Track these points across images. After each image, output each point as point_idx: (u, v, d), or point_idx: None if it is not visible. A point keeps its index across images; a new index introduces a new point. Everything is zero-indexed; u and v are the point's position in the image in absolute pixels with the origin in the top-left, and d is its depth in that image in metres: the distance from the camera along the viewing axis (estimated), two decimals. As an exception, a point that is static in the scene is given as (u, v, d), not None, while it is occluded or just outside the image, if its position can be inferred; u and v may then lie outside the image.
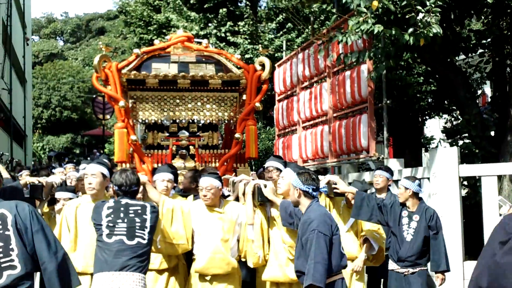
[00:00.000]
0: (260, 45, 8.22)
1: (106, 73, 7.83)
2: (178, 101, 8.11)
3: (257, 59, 8.53)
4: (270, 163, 6.75)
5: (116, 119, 8.20)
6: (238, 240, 6.07)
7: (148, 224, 5.07)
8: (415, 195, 6.57)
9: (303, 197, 5.07)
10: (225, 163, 8.06)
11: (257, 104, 8.10)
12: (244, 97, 8.26)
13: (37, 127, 45.85)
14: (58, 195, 6.56)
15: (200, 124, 8.39)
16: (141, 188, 5.81)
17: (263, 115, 20.00)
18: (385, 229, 6.73)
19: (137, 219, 5.03)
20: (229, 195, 6.72)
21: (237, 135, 8.07)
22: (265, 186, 5.99)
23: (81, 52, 61.28)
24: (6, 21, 22.93)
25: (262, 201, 5.99)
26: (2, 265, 3.78)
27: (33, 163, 29.41)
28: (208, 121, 8.24)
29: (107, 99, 8.83)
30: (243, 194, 6.19)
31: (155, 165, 7.78)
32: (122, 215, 5.02)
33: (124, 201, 5.10)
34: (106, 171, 5.77)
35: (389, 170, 7.73)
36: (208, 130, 8.45)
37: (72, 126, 46.55)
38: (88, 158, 15.35)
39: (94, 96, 23.82)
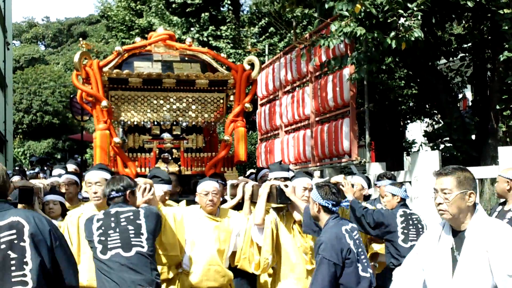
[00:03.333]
0: (249, 43, 7.96)
1: (87, 71, 7.37)
2: (162, 101, 7.70)
3: (246, 58, 8.19)
4: (276, 174, 6.20)
5: (93, 122, 7.79)
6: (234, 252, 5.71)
7: (144, 229, 4.56)
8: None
9: (322, 212, 4.75)
10: (213, 167, 7.68)
11: (247, 105, 7.77)
12: (232, 98, 7.98)
13: (18, 132, 45.45)
14: (48, 197, 6.06)
15: (184, 126, 7.98)
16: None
17: (246, 120, 19.98)
18: None
19: (130, 226, 4.53)
20: (225, 201, 6.33)
21: (226, 137, 7.69)
22: (286, 186, 5.52)
23: (63, 57, 60.89)
24: (-14, 25, 22.73)
25: (282, 203, 5.53)
26: (13, 280, 3.30)
27: (17, 168, 29.21)
28: (193, 123, 7.84)
29: (79, 100, 8.40)
30: (251, 197, 5.85)
31: (138, 169, 7.43)
32: (113, 225, 4.52)
33: (114, 209, 4.61)
34: (109, 176, 5.30)
35: (392, 177, 7.47)
36: (192, 132, 8.00)
37: (53, 131, 46.21)
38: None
39: (71, 96, 23.51)
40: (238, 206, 6.16)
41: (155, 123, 7.83)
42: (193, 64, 8.05)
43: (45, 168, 18.73)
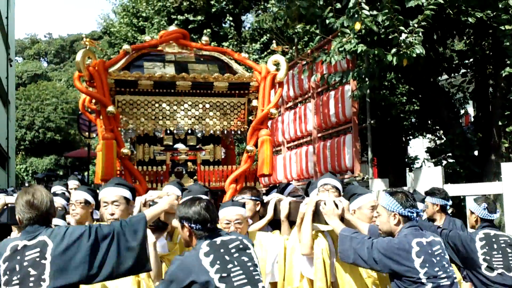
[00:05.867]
0: (274, 41, 7.39)
1: (91, 72, 6.41)
2: (175, 107, 6.80)
3: (271, 57, 7.19)
4: (327, 180, 5.30)
5: (98, 135, 7.01)
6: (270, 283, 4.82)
7: (255, 260, 3.82)
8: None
9: (402, 225, 4.06)
10: (235, 182, 6.77)
11: (273, 110, 6.80)
12: (254, 103, 7.08)
13: (20, 149, 45.47)
14: None
15: (200, 136, 7.07)
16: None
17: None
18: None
19: (245, 258, 3.74)
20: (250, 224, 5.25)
21: (249, 147, 6.76)
22: (336, 206, 4.48)
23: (65, 73, 61.06)
24: (-11, 42, 22.82)
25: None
26: None
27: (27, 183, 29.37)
28: (210, 132, 6.93)
29: (81, 109, 7.63)
30: (287, 216, 4.99)
31: (149, 185, 6.54)
32: (227, 257, 3.67)
33: (218, 239, 3.75)
34: (128, 193, 4.61)
35: (433, 194, 6.65)
36: (209, 142, 7.16)
37: (55, 147, 46.21)
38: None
39: (80, 112, 23.43)
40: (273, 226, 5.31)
41: (167, 132, 7.00)
42: (210, 65, 7.25)
43: (50, 185, 18.61)
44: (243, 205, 4.74)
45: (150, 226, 4.12)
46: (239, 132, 7.17)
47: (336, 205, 4.52)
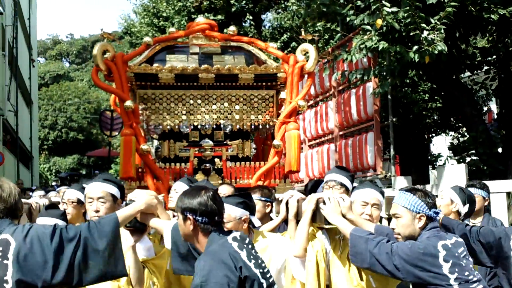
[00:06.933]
0: (302, 29, 7.10)
1: (109, 65, 6.17)
2: (199, 101, 6.52)
3: (300, 46, 6.79)
4: (331, 176, 4.71)
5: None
6: None
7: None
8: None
9: (425, 226, 3.63)
10: (261, 179, 6.45)
11: (301, 103, 6.44)
12: (283, 95, 6.76)
13: (43, 149, 45.95)
14: (40, 221, 4.51)
15: (227, 131, 6.70)
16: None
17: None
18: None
19: (259, 254, 3.44)
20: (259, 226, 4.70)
21: (276, 142, 6.41)
22: (341, 201, 3.99)
23: (87, 73, 61.51)
24: (12, 43, 23.04)
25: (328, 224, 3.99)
26: None
27: (54, 183, 29.71)
28: (238, 127, 6.58)
29: (113, 105, 7.25)
30: (295, 215, 4.38)
31: (172, 183, 6.07)
32: (253, 253, 3.34)
33: (235, 234, 3.33)
34: (116, 190, 4.21)
35: (485, 187, 6.05)
36: (237, 138, 6.77)
37: (78, 147, 46.65)
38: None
39: (102, 110, 23.51)
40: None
41: (192, 126, 6.67)
42: (236, 56, 6.89)
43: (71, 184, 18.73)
44: (240, 204, 4.15)
45: (128, 228, 3.80)
46: (267, 126, 6.78)
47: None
